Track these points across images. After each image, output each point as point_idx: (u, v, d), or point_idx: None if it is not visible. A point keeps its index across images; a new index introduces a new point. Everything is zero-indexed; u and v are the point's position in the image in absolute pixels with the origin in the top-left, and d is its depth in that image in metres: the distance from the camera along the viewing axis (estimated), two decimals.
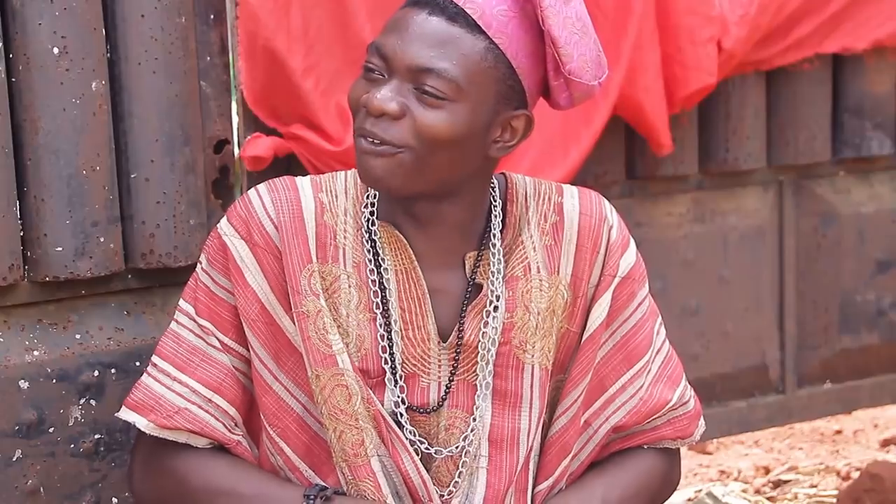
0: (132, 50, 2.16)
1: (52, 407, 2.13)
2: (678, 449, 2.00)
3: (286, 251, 1.80)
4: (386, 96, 1.69)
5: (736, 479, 3.78)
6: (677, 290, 2.84)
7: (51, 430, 2.13)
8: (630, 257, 1.90)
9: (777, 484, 3.74)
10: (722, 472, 3.84)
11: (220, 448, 1.88)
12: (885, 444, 4.03)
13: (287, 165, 2.38)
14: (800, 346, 3.02)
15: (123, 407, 1.91)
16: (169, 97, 2.19)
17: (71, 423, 2.15)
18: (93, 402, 2.17)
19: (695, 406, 1.98)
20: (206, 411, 1.85)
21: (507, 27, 1.70)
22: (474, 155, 1.75)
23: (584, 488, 1.89)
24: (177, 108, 2.20)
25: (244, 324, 1.84)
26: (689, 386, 1.98)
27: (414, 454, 1.82)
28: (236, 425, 1.88)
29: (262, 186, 1.85)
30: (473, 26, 1.69)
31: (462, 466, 1.84)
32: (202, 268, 1.87)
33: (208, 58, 2.28)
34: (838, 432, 4.15)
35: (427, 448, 1.83)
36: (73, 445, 2.15)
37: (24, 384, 2.11)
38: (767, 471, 3.84)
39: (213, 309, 1.85)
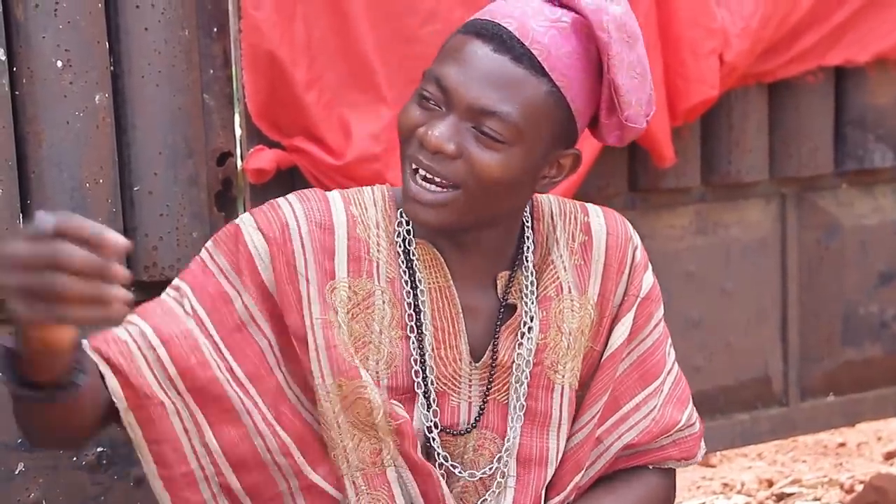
0: (135, 63, 2.17)
1: None
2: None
3: (307, 260, 1.73)
4: (444, 135, 1.65)
5: (739, 492, 3.77)
6: (680, 302, 2.84)
7: None
8: (650, 278, 1.91)
9: (780, 497, 3.73)
10: (725, 484, 3.84)
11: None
12: (889, 456, 4.02)
13: (290, 178, 2.38)
14: (803, 358, 3.02)
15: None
16: (172, 110, 2.19)
17: None
18: None
19: (699, 427, 1.99)
20: (144, 357, 1.69)
21: (570, 70, 1.67)
22: (523, 193, 1.74)
23: None
24: (180, 120, 2.20)
25: (248, 300, 1.74)
26: (694, 407, 1.98)
27: (440, 477, 1.79)
28: (174, 390, 1.71)
29: (291, 196, 1.79)
30: (538, 68, 1.65)
31: (496, 487, 1.82)
32: (207, 250, 1.77)
33: (211, 71, 2.29)
34: (842, 445, 4.14)
35: (460, 472, 1.81)
36: (75, 458, 2.15)
37: None
38: (771, 484, 3.83)
39: (199, 279, 1.74)
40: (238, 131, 2.37)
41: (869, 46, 2.87)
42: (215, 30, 2.29)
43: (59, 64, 2.08)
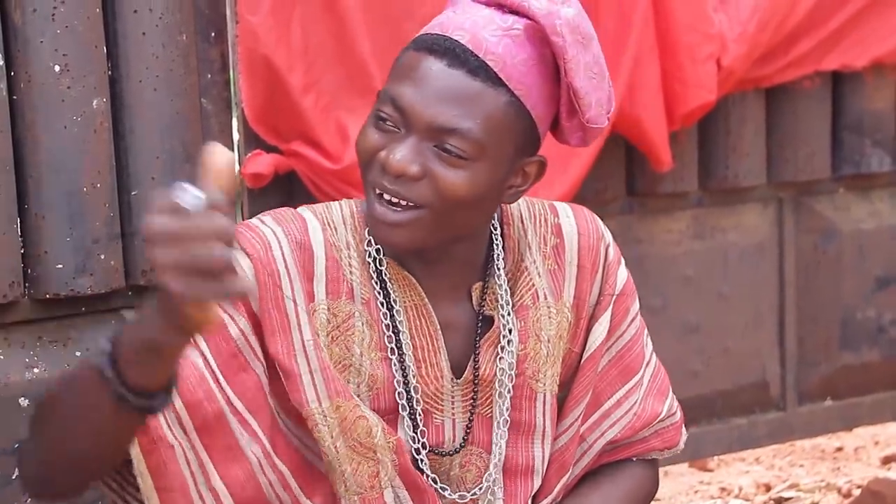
0: (133, 67, 2.17)
1: None
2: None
3: (292, 280, 1.70)
4: (406, 157, 1.61)
5: (737, 497, 3.77)
6: (677, 306, 2.84)
7: None
8: (623, 273, 1.89)
9: (778, 501, 3.73)
10: (723, 489, 3.83)
11: None
12: (886, 461, 4.02)
13: (288, 183, 2.39)
14: (800, 362, 3.02)
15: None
16: (170, 114, 2.19)
17: None
18: None
19: (680, 416, 1.99)
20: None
21: (527, 77, 1.64)
22: (490, 206, 1.71)
23: (582, 501, 1.88)
24: (178, 125, 2.20)
25: (234, 314, 1.68)
26: (674, 396, 1.98)
27: (435, 494, 1.77)
28: (181, 428, 1.66)
29: (265, 216, 1.74)
30: (495, 79, 1.61)
31: (482, 500, 1.81)
32: None
33: (209, 75, 2.29)
34: (839, 449, 4.13)
35: (450, 494, 1.79)
36: None
37: (24, 402, 2.11)
38: (768, 488, 3.83)
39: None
40: (236, 136, 2.37)
41: (866, 51, 2.88)
42: (213, 34, 2.29)
43: (57, 68, 2.08)
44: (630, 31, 2.57)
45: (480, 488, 1.80)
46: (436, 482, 1.78)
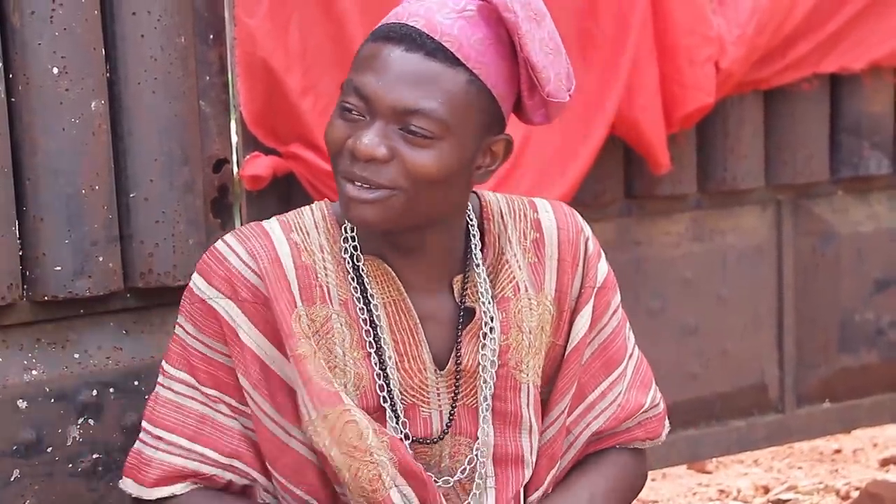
0: (132, 70, 2.17)
1: (50, 427, 2.13)
2: None
3: (273, 297, 1.75)
4: (374, 141, 1.66)
5: (735, 499, 3.77)
6: (676, 309, 2.84)
7: (49, 449, 2.13)
8: (604, 266, 1.92)
9: (776, 503, 3.73)
10: (721, 491, 3.83)
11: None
12: (885, 463, 4.02)
13: (286, 185, 2.38)
14: (799, 365, 3.02)
15: (142, 486, 1.82)
16: (168, 117, 2.19)
17: (69, 443, 2.14)
18: (91, 422, 2.16)
19: (663, 407, 2.03)
20: (231, 474, 1.83)
21: (485, 56, 1.69)
22: (461, 186, 1.75)
23: (571, 491, 1.91)
24: (176, 127, 2.20)
25: (244, 383, 1.79)
26: (657, 388, 2.01)
27: (432, 480, 1.81)
28: (263, 490, 1.85)
29: (229, 238, 1.79)
30: (453, 60, 1.67)
31: (476, 488, 1.84)
32: (188, 333, 1.80)
33: (207, 77, 2.29)
34: (837, 451, 4.13)
35: (434, 480, 1.82)
36: (71, 465, 2.15)
37: (22, 404, 2.11)
38: (767, 490, 3.83)
39: (215, 374, 1.80)
40: (234, 138, 2.37)
41: (864, 54, 2.88)
42: (211, 37, 2.29)
43: (55, 71, 2.08)
44: (628, 34, 2.57)
45: (464, 469, 1.83)
46: (423, 472, 1.80)
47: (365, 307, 1.78)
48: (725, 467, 4.01)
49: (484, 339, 1.81)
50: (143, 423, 1.83)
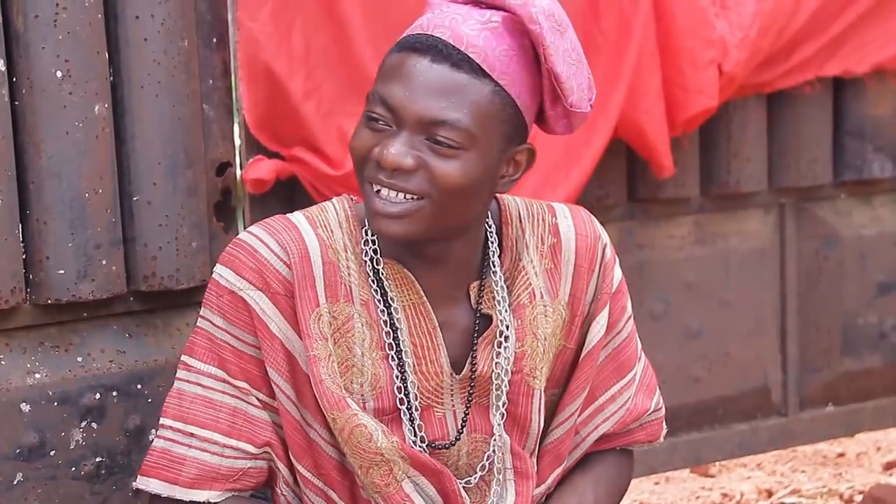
0: (135, 73, 2.17)
1: (53, 430, 2.13)
2: None
3: (298, 294, 1.76)
4: (400, 151, 1.67)
5: (738, 503, 3.77)
6: (679, 312, 2.84)
7: (52, 452, 2.13)
8: (618, 272, 1.94)
9: None
10: (724, 495, 3.83)
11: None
12: (888, 466, 4.01)
13: (289, 188, 2.39)
14: (802, 368, 3.02)
15: (180, 487, 1.82)
16: (171, 120, 2.19)
17: (72, 446, 2.15)
18: (94, 425, 2.16)
19: (664, 411, 2.06)
20: (262, 462, 1.84)
21: (509, 67, 1.70)
22: (485, 195, 1.76)
23: (576, 490, 1.94)
24: (179, 130, 2.20)
25: (273, 374, 1.79)
26: (660, 392, 2.04)
27: (453, 476, 1.82)
28: (284, 482, 1.86)
29: (257, 230, 1.79)
30: (478, 71, 1.68)
31: (496, 484, 1.86)
32: (217, 326, 1.79)
33: (211, 81, 2.29)
34: (841, 455, 4.13)
35: (458, 482, 1.84)
36: (74, 468, 2.15)
37: (25, 407, 2.11)
38: (770, 494, 3.83)
39: (245, 367, 1.80)
40: (237, 141, 2.37)
41: (867, 57, 2.88)
42: (215, 40, 2.29)
43: (59, 74, 2.08)
44: (631, 37, 2.57)
45: (483, 467, 1.85)
46: None
47: (385, 309, 1.79)
48: (728, 471, 4.01)
49: (499, 347, 1.82)
50: (168, 422, 1.82)
